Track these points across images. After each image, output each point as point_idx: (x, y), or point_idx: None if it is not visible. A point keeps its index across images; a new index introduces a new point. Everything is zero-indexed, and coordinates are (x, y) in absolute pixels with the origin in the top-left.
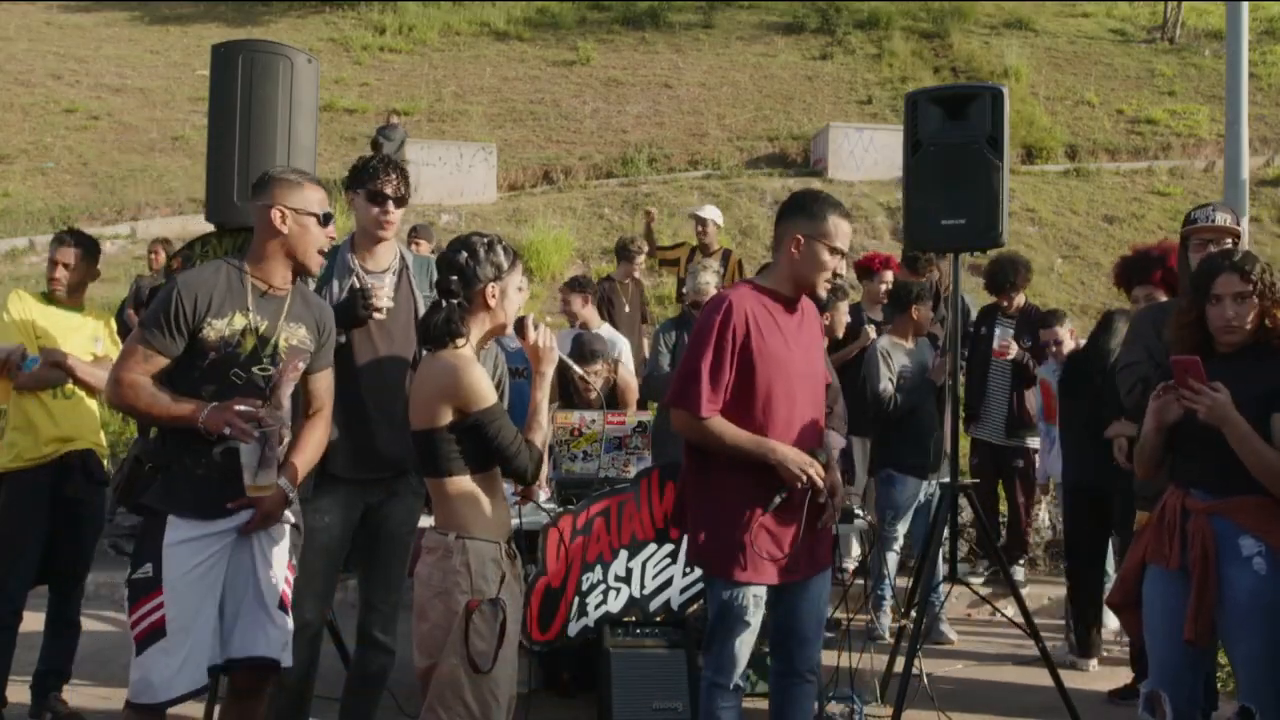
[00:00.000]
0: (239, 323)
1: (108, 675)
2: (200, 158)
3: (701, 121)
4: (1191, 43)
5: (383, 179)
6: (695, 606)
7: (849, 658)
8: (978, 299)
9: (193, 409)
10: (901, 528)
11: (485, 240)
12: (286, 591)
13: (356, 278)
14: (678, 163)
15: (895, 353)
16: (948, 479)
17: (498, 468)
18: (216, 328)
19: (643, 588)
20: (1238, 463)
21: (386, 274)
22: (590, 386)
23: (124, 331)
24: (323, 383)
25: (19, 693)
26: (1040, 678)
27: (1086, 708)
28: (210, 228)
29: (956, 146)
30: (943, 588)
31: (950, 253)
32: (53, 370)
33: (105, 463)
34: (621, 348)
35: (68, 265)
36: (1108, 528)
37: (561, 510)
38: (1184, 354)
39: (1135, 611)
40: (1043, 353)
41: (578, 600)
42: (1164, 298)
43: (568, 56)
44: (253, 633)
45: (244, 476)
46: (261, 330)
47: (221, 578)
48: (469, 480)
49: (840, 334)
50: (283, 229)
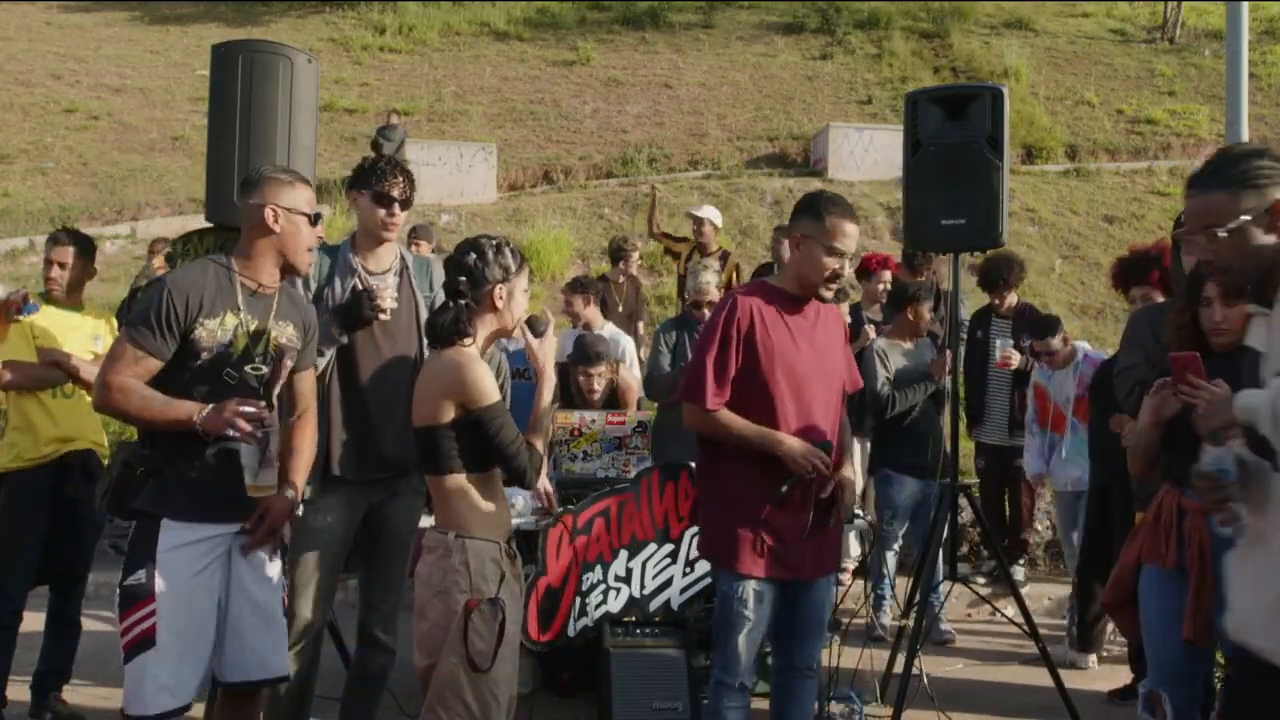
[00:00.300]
0: (230, 322)
1: (107, 675)
2: (200, 158)
3: (701, 121)
4: (1191, 43)
5: (389, 181)
6: (695, 607)
7: (840, 656)
8: (971, 300)
9: (189, 411)
10: (899, 527)
11: (494, 243)
12: (285, 597)
13: (359, 278)
14: (678, 163)
15: (892, 353)
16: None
17: (497, 468)
18: (209, 328)
19: (643, 588)
20: None
21: (389, 275)
22: (595, 390)
23: None
24: (307, 382)
25: (19, 693)
26: (1040, 678)
27: (1086, 708)
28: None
29: (956, 146)
30: (943, 587)
31: (950, 253)
32: (52, 370)
33: (105, 463)
34: (625, 347)
35: (64, 264)
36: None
37: (561, 510)
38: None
39: (1130, 611)
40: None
41: (578, 600)
42: (1161, 298)
43: (568, 56)
44: (252, 651)
45: (245, 477)
46: (253, 329)
47: (218, 589)
48: (469, 479)
49: None
50: (275, 227)
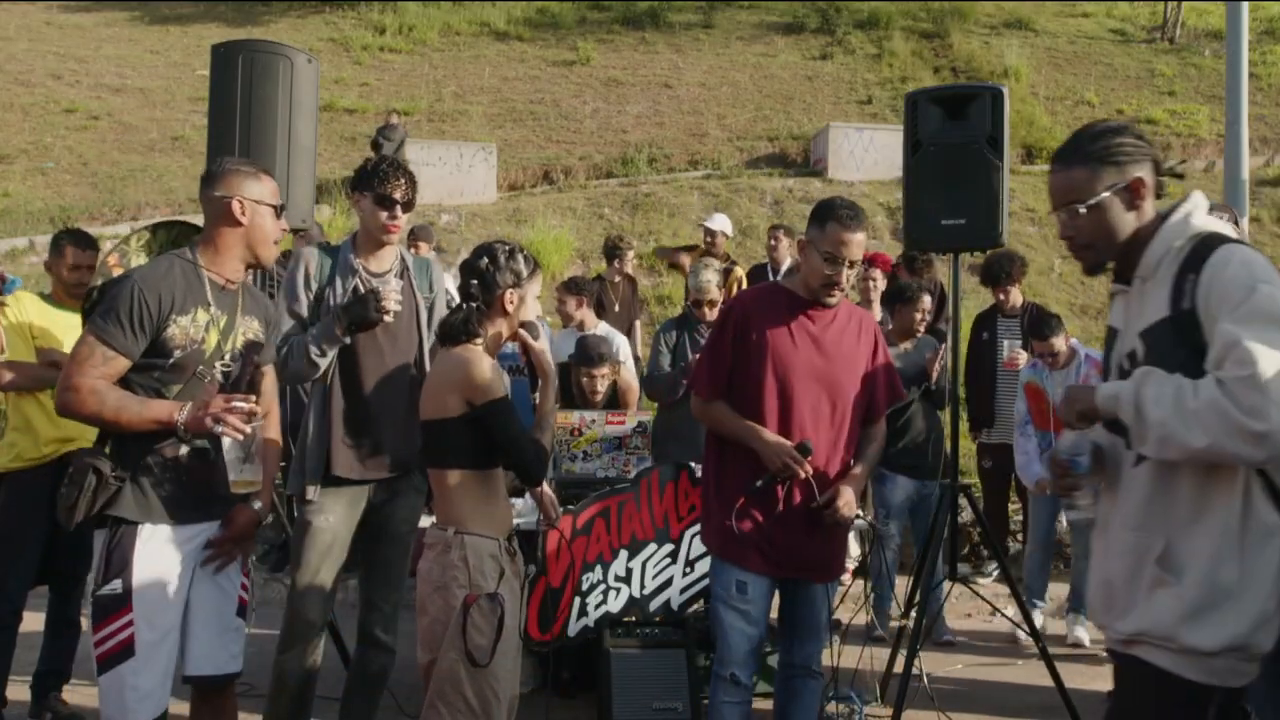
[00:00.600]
0: (202, 318)
1: None
2: (200, 158)
3: (701, 121)
4: (1191, 43)
5: (392, 183)
6: (695, 606)
7: (840, 656)
8: (972, 300)
9: (168, 410)
10: (895, 527)
11: (507, 248)
12: (243, 595)
13: (360, 279)
14: (678, 163)
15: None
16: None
17: (499, 466)
18: (182, 325)
19: (643, 588)
20: None
21: (390, 275)
22: (598, 390)
23: None
24: (269, 380)
25: (19, 693)
26: (1040, 678)
27: (1086, 708)
28: None
29: (956, 146)
30: (943, 587)
31: (950, 253)
32: (52, 370)
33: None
34: (621, 346)
35: (92, 268)
36: None
37: (561, 510)
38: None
39: None
40: None
41: (578, 600)
42: None
43: (568, 56)
44: (212, 648)
45: (228, 473)
46: (222, 325)
47: (186, 592)
48: (470, 475)
49: None
50: (242, 219)
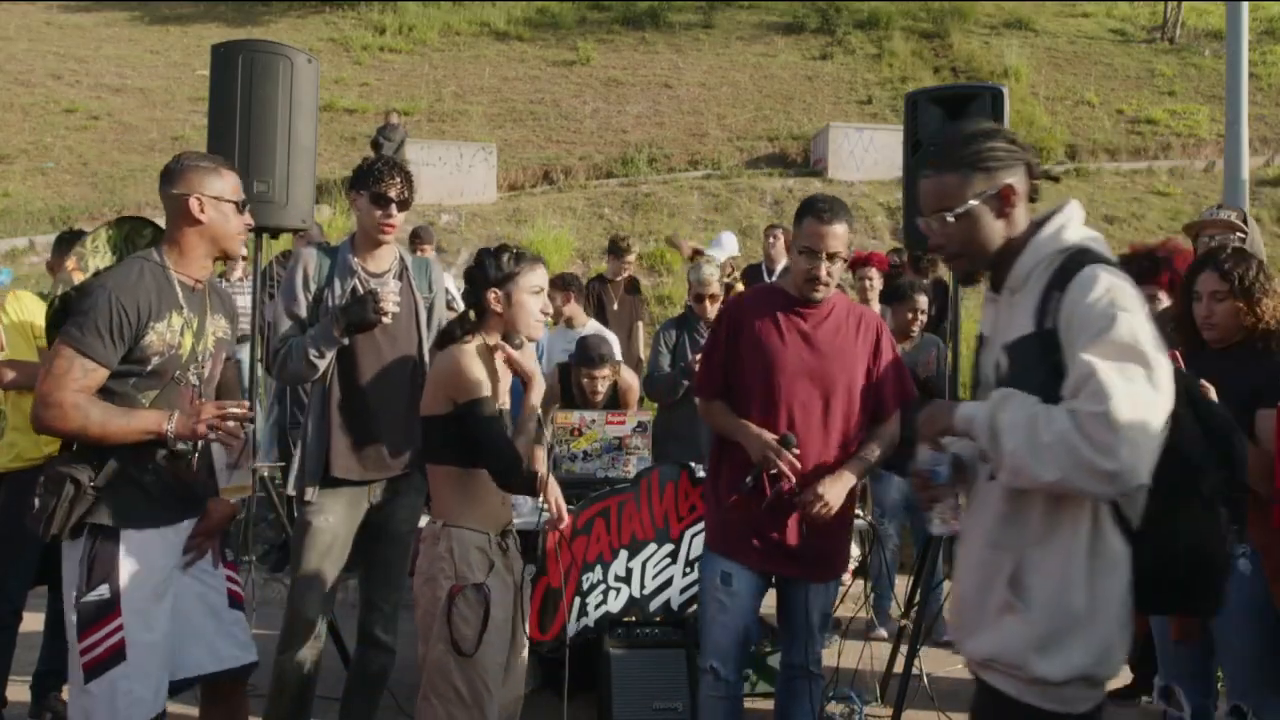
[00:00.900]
0: (177, 322)
1: None
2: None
3: (701, 121)
4: (1191, 43)
5: (387, 181)
6: (695, 606)
7: (840, 656)
8: (972, 300)
9: (156, 420)
10: (892, 526)
11: (494, 249)
12: (233, 589)
13: (358, 280)
14: (678, 163)
15: None
16: None
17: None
18: (159, 331)
19: (643, 588)
20: None
21: (389, 276)
22: (598, 391)
23: None
24: (232, 371)
25: (19, 693)
26: None
27: None
28: None
29: None
30: (944, 587)
31: None
32: None
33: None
34: (613, 344)
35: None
36: None
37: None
38: (1183, 349)
39: None
40: None
41: (578, 600)
42: (1166, 299)
43: (568, 56)
44: (203, 648)
45: (219, 478)
46: (195, 327)
47: (172, 591)
48: (458, 471)
49: None
50: (202, 218)
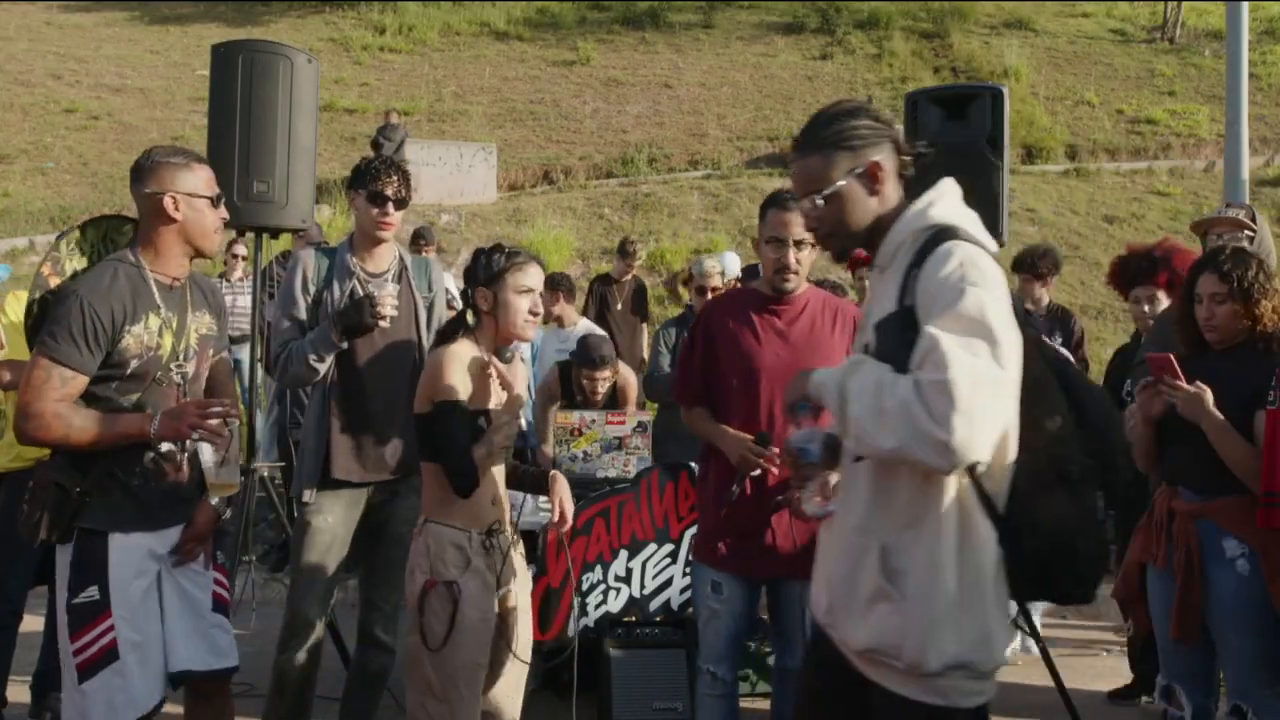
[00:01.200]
0: (154, 323)
1: None
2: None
3: (701, 121)
4: (1191, 43)
5: (384, 180)
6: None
7: None
8: None
9: (139, 424)
10: None
11: (489, 247)
12: (219, 592)
13: (358, 282)
14: (678, 163)
15: None
16: None
17: (500, 453)
18: (135, 334)
19: (643, 588)
20: (1222, 461)
21: (387, 276)
22: (598, 393)
23: None
24: (224, 367)
25: (19, 693)
26: (1040, 678)
27: (1086, 708)
28: None
29: (956, 146)
30: None
31: None
32: None
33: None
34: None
35: None
36: None
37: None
38: (1185, 349)
39: (1141, 606)
40: (1078, 349)
41: (578, 600)
42: (1165, 299)
43: (568, 56)
44: (188, 646)
45: (206, 476)
46: (174, 326)
47: (158, 591)
48: (440, 468)
49: None
50: (176, 215)
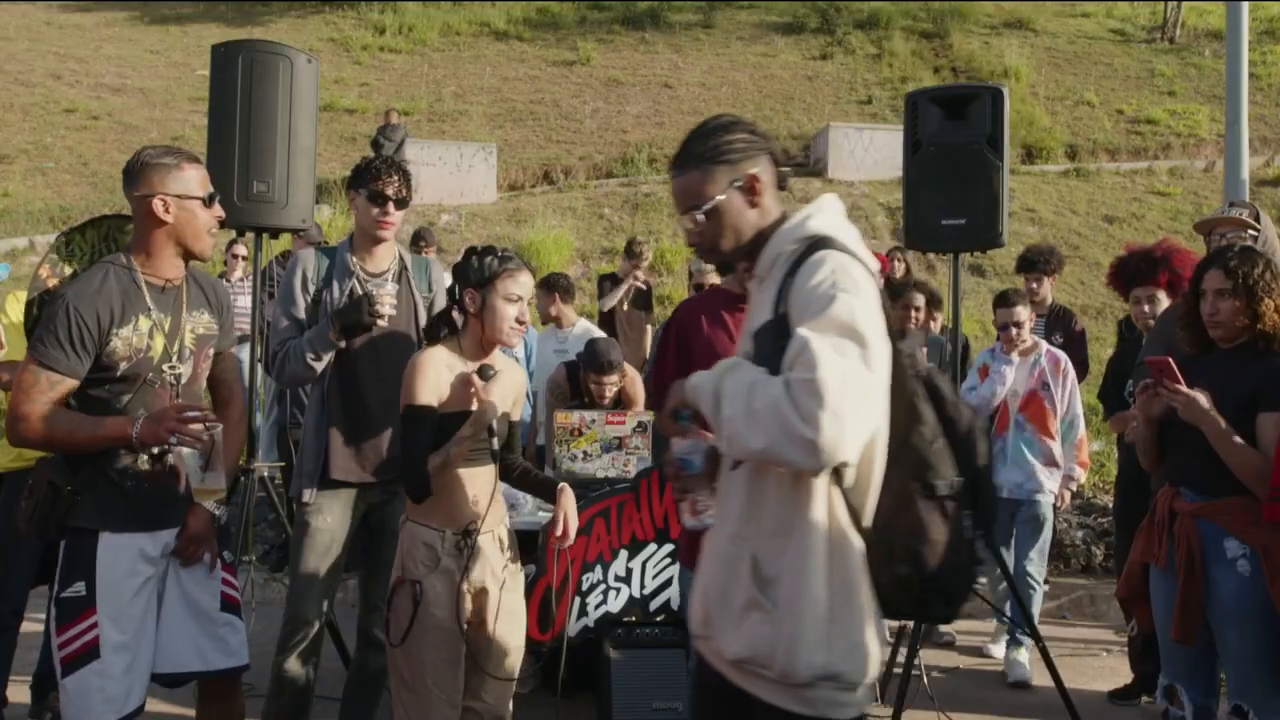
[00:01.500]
0: (144, 325)
1: None
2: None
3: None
4: (1191, 43)
5: (384, 180)
6: None
7: None
8: (971, 300)
9: (122, 427)
10: None
11: (482, 248)
12: (229, 592)
13: (358, 282)
14: None
15: None
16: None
17: (459, 461)
18: (124, 337)
19: (643, 588)
20: (1223, 461)
21: (387, 276)
22: (605, 397)
23: None
24: (229, 366)
25: (19, 693)
26: (1040, 678)
27: (1086, 708)
28: None
29: (956, 146)
30: None
31: (950, 253)
32: None
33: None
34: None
35: None
36: None
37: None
38: (1190, 348)
39: (1143, 605)
40: (1079, 349)
41: (578, 600)
42: (1165, 299)
43: (568, 56)
44: (187, 647)
45: (191, 480)
46: (166, 328)
47: (155, 598)
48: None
49: None
50: (166, 218)
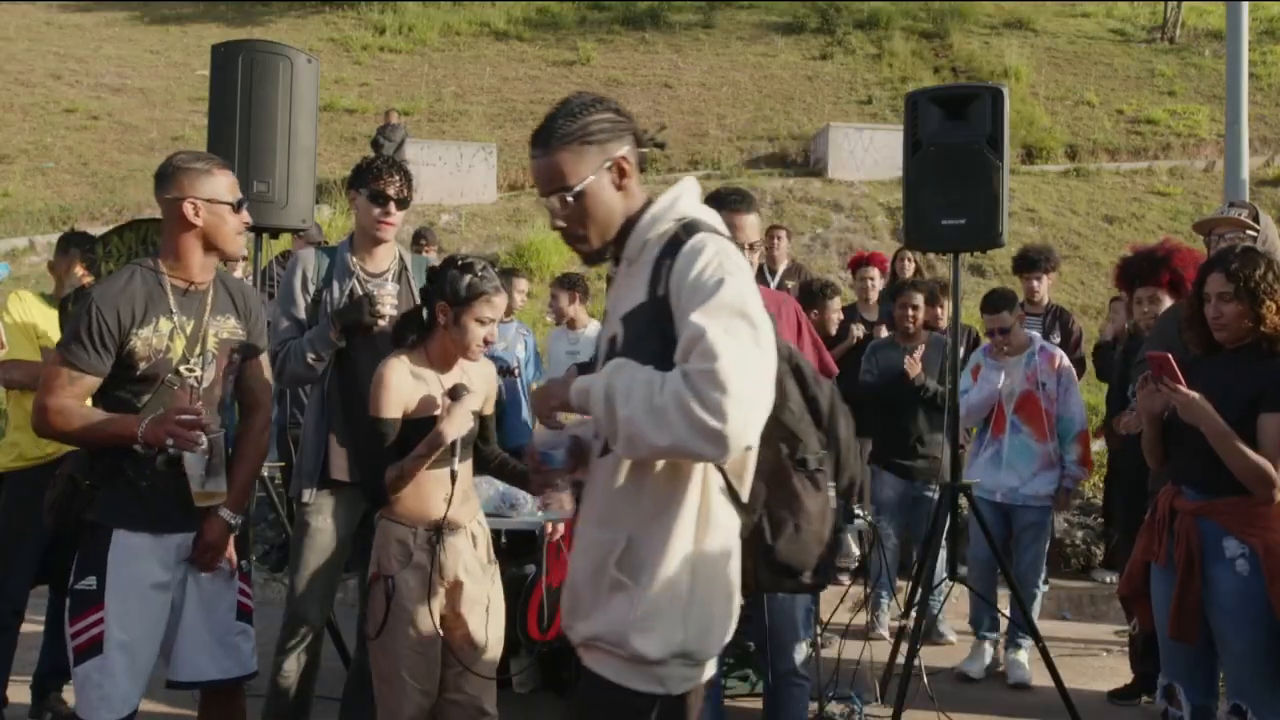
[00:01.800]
0: (165, 327)
1: None
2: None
3: (701, 121)
4: (1191, 43)
5: (385, 179)
6: None
7: (840, 656)
8: (971, 300)
9: (129, 426)
10: (889, 525)
11: (464, 263)
12: (243, 600)
13: (358, 282)
14: (678, 163)
15: (883, 349)
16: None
17: (434, 461)
18: (144, 337)
19: None
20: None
21: (387, 276)
22: None
23: None
24: (258, 369)
25: (19, 693)
26: (1040, 678)
27: (1086, 708)
28: None
29: (956, 146)
30: (943, 588)
31: (950, 253)
32: None
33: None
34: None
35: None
36: None
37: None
38: (1197, 349)
39: (1145, 604)
40: (1076, 349)
41: None
42: (1167, 299)
43: (568, 56)
44: (205, 655)
45: (191, 484)
46: (188, 330)
47: (169, 599)
48: (392, 468)
49: (833, 331)
50: (196, 221)
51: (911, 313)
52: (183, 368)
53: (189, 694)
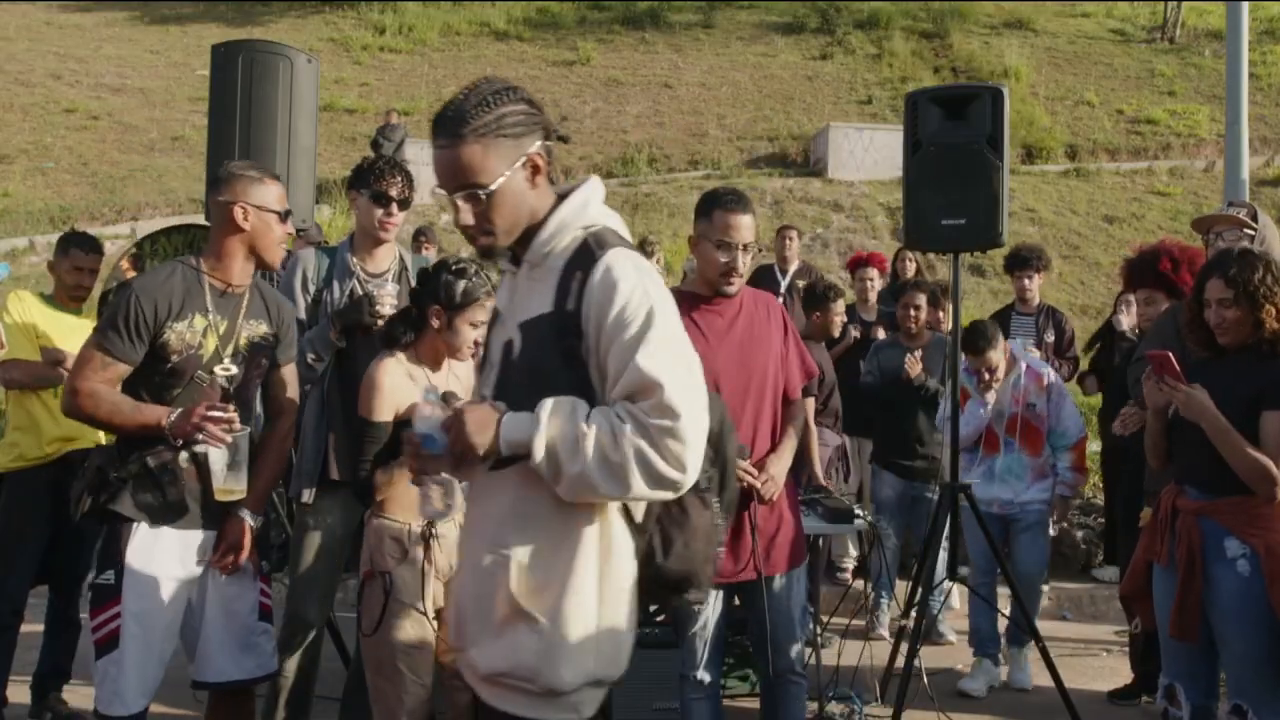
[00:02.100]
0: (199, 324)
1: None
2: (200, 158)
3: (701, 121)
4: (1191, 43)
5: (387, 180)
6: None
7: (840, 656)
8: (970, 300)
9: (158, 416)
10: (888, 524)
11: (458, 268)
12: (264, 601)
13: (358, 282)
14: (678, 163)
15: (885, 349)
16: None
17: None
18: (178, 331)
19: None
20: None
21: (387, 276)
22: None
23: None
24: (286, 380)
25: (19, 693)
26: (1040, 678)
27: (1086, 708)
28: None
29: (956, 146)
30: (943, 587)
31: (950, 253)
32: (54, 369)
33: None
34: None
35: (95, 272)
36: None
37: None
38: (1199, 352)
39: (1147, 603)
40: (1069, 347)
41: None
42: (1164, 300)
43: (568, 56)
44: (227, 656)
45: (213, 480)
46: (222, 330)
47: (187, 596)
48: (383, 468)
49: (835, 333)
50: (245, 225)
51: (914, 313)
52: (217, 367)
53: (189, 694)
